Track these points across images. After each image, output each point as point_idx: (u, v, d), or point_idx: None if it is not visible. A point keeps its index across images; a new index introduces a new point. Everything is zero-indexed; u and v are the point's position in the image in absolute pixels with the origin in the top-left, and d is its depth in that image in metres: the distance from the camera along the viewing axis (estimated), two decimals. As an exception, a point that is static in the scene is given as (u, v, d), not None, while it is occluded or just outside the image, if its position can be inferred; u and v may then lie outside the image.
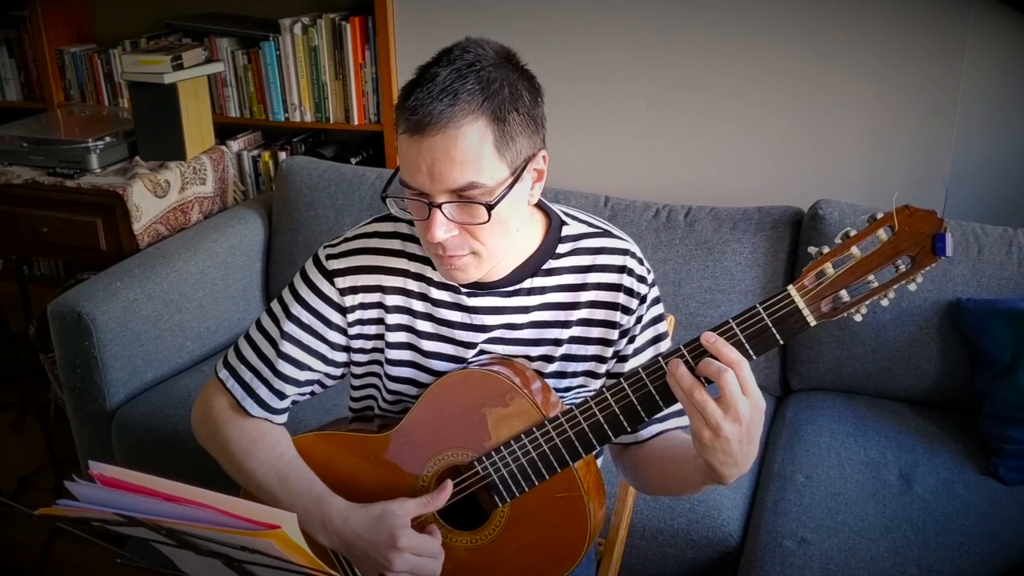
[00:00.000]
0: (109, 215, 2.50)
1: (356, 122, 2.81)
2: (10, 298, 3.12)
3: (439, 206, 1.12)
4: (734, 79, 2.48)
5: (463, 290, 1.26)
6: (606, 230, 1.31)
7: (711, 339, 1.06)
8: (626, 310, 1.28)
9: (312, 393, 1.37)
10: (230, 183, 2.85)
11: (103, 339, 2.15)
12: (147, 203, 2.52)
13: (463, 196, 1.11)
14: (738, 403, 1.03)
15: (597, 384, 1.33)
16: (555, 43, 2.59)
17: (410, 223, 1.27)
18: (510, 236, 1.19)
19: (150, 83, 2.55)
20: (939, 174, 2.38)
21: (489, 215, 1.12)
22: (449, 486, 1.22)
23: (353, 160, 2.85)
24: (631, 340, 1.30)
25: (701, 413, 1.05)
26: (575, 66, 2.59)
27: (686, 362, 1.08)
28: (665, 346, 1.34)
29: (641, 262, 1.30)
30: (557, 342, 1.29)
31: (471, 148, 1.09)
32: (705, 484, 1.15)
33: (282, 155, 2.91)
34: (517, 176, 1.14)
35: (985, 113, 2.33)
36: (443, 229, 1.13)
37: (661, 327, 1.34)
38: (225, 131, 2.91)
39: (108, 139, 2.62)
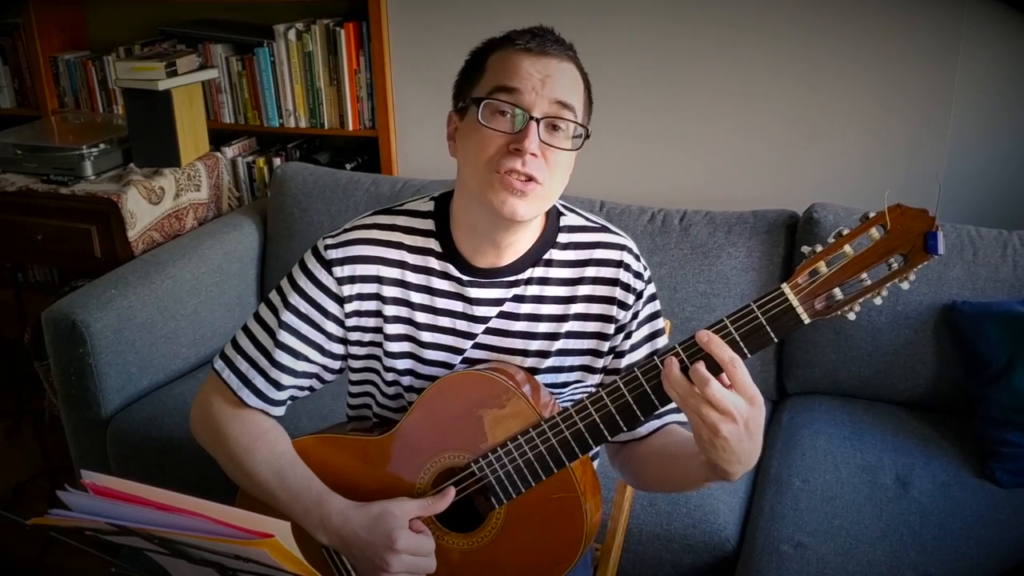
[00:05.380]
0: (103, 222, 2.50)
1: (351, 128, 2.81)
2: (5, 305, 3.11)
3: (538, 121, 1.15)
4: (729, 83, 2.48)
5: (465, 279, 1.27)
6: (603, 226, 1.32)
7: (705, 337, 1.06)
8: (623, 305, 1.29)
9: (311, 388, 1.37)
10: (224, 189, 2.85)
11: (98, 346, 2.14)
12: (141, 210, 2.52)
13: (561, 115, 1.17)
14: (727, 400, 1.03)
15: (594, 379, 1.33)
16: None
17: (415, 217, 1.29)
18: (560, 187, 1.22)
19: (144, 90, 2.55)
20: (934, 177, 2.38)
21: (580, 143, 1.19)
22: (451, 492, 1.22)
23: (348, 166, 2.85)
24: (627, 336, 1.31)
25: (696, 414, 1.04)
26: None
27: (680, 360, 1.07)
28: (662, 343, 1.34)
29: (638, 258, 1.31)
30: (554, 336, 1.29)
31: (577, 83, 1.21)
32: (708, 481, 1.15)
33: (277, 161, 2.91)
34: (583, 139, 1.20)
35: (980, 115, 2.33)
36: (536, 144, 1.16)
37: (658, 324, 1.34)
38: (220, 137, 2.91)
39: (102, 146, 2.62)
